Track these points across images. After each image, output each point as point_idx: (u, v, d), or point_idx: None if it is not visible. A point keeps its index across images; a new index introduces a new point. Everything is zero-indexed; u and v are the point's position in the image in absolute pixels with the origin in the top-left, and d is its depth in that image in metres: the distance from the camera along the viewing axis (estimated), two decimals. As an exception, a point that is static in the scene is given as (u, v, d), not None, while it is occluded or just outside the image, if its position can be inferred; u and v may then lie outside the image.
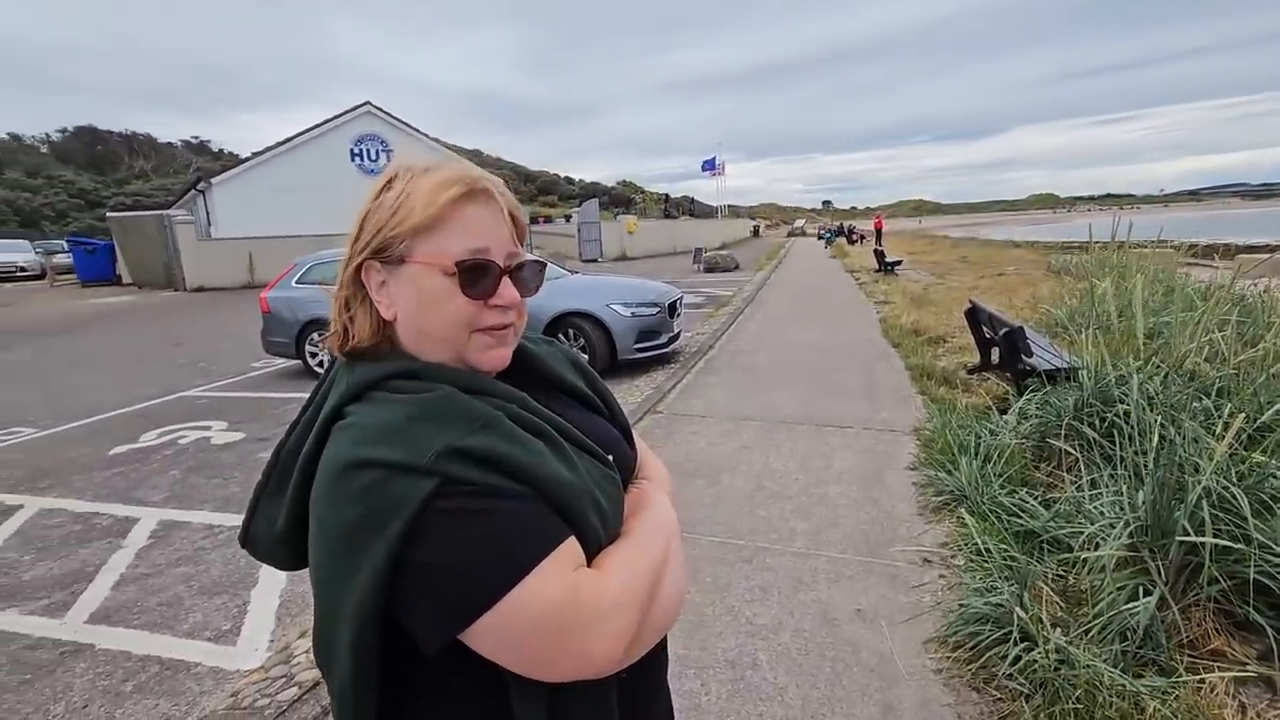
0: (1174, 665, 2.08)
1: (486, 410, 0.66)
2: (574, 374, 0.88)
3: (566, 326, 6.59)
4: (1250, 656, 2.14)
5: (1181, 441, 2.53)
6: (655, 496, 0.82)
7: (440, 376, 0.68)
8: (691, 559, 3.03)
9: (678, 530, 0.80)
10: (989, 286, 11.73)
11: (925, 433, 4.30)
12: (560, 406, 0.80)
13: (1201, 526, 2.21)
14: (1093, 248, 8.56)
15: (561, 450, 0.69)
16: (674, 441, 4.62)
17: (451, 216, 0.69)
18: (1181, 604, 2.24)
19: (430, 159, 0.75)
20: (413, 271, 0.69)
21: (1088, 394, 3.48)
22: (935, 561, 2.89)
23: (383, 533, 0.58)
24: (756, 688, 2.20)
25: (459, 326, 0.70)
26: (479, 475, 0.61)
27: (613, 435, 0.85)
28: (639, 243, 29.56)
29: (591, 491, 0.69)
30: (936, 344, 7.27)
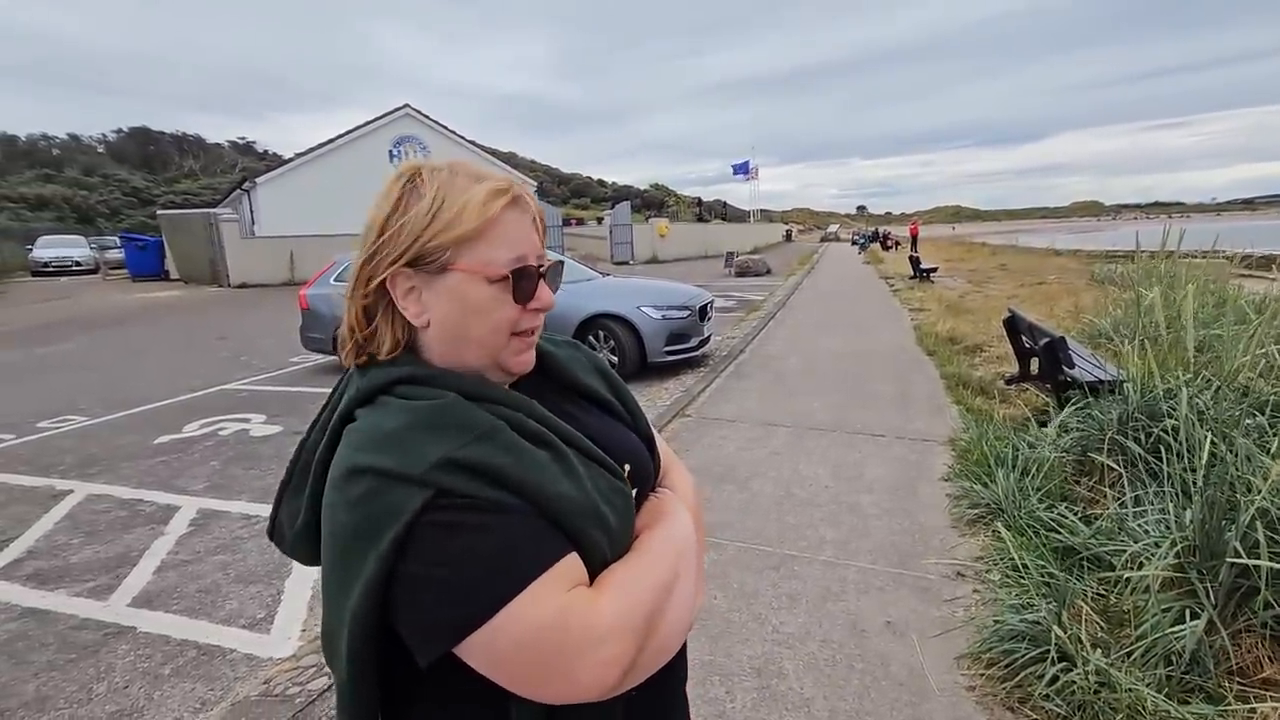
0: (1222, 693, 1.99)
1: (487, 419, 0.64)
2: (595, 378, 0.86)
3: (597, 328, 6.61)
4: (1306, 687, 2.04)
5: (1233, 459, 2.42)
6: (673, 508, 0.79)
7: (446, 383, 0.67)
8: (719, 564, 3.01)
9: (693, 546, 0.76)
10: (1029, 295, 11.43)
11: (960, 443, 4.20)
12: (578, 411, 0.79)
13: (1255, 548, 2.11)
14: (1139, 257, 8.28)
15: (566, 461, 0.67)
16: (703, 445, 4.60)
17: (498, 224, 0.68)
18: (1231, 629, 2.15)
19: (451, 160, 0.74)
20: (456, 280, 0.68)
21: (1133, 407, 3.35)
22: (969, 575, 2.82)
23: (376, 543, 0.58)
24: (783, 697, 2.17)
25: (502, 332, 0.70)
26: (474, 488, 0.60)
27: (632, 443, 0.82)
28: (670, 246, 29.55)
29: (595, 506, 0.67)
30: (973, 353, 7.11)
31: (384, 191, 0.70)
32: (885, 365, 6.91)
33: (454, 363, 0.71)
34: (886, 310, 11.47)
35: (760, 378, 6.58)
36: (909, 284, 15.68)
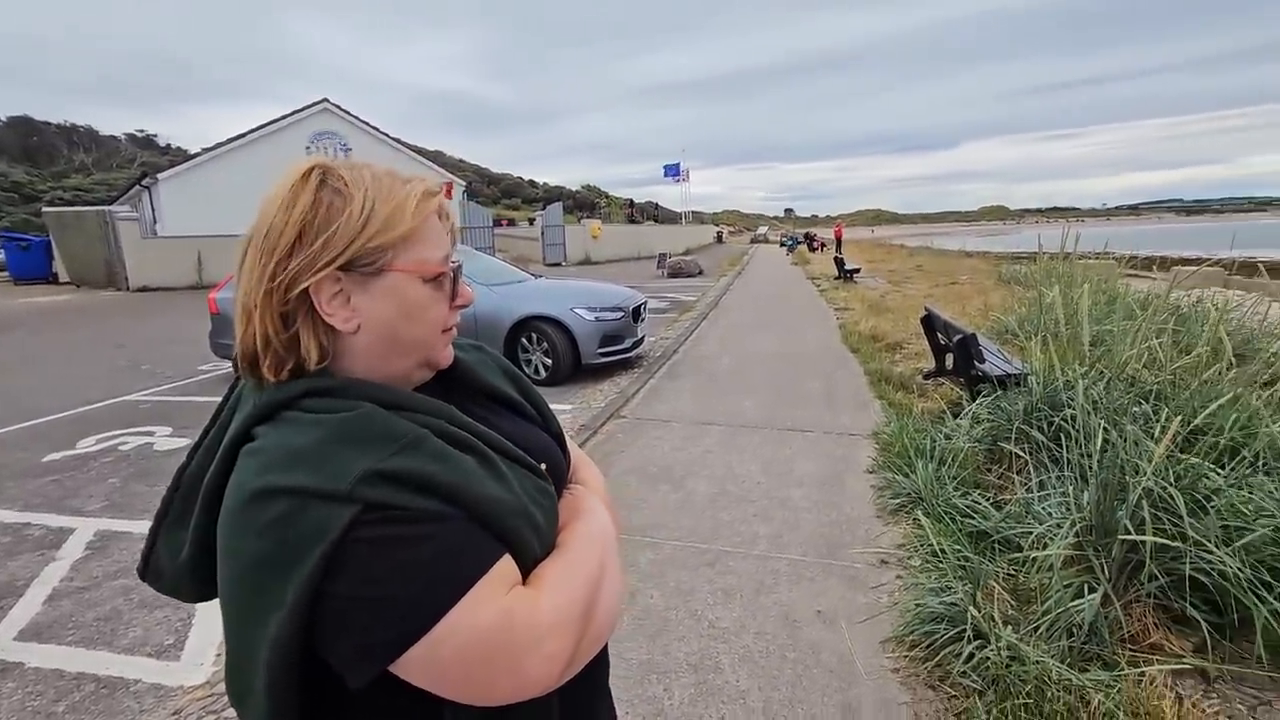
0: (1116, 659, 2.16)
1: (410, 428, 0.63)
2: (503, 380, 0.86)
3: (530, 330, 6.53)
4: (1186, 650, 2.24)
5: (1123, 444, 2.64)
6: (589, 503, 0.81)
7: (359, 393, 0.65)
8: (656, 563, 3.03)
9: (613, 538, 0.79)
10: (943, 294, 12.08)
11: (883, 437, 4.40)
12: (491, 415, 0.79)
13: (1142, 526, 2.31)
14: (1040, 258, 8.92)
15: (493, 465, 0.67)
16: (638, 446, 4.62)
17: (429, 224, 0.69)
18: (1123, 600, 2.34)
19: (352, 160, 0.70)
20: (395, 281, 0.67)
21: (1036, 399, 3.60)
22: (892, 562, 2.95)
23: (299, 567, 0.55)
24: (720, 691, 2.21)
25: (436, 331, 0.71)
26: (404, 499, 0.58)
27: (545, 442, 0.84)
28: (603, 247, 29.55)
29: (525, 507, 0.67)
30: (894, 350, 7.44)
31: (287, 191, 0.65)
32: (813, 363, 7.14)
33: (377, 369, 0.69)
34: (813, 310, 11.86)
35: (693, 378, 6.67)
36: (834, 284, 16.28)
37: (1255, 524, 2.28)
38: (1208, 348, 3.32)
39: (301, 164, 0.68)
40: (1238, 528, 2.32)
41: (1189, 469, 2.54)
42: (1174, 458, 2.58)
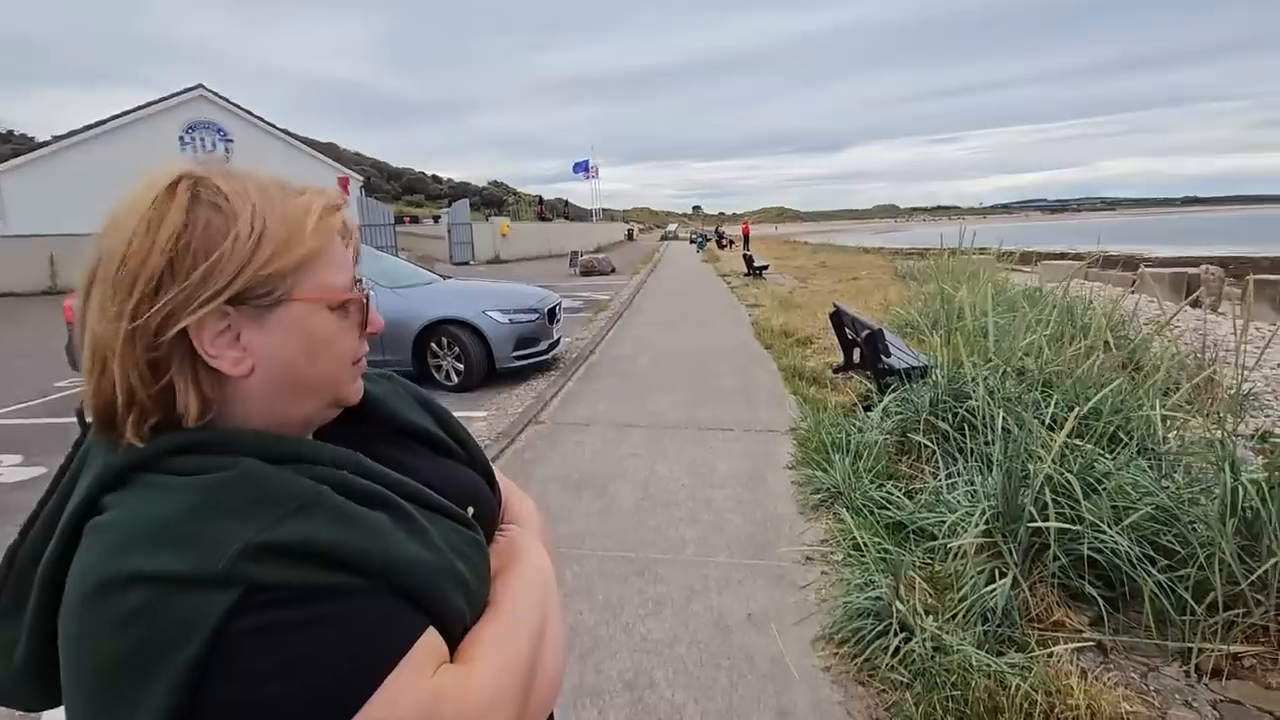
0: (1026, 639, 2.28)
1: (303, 486, 0.52)
2: (419, 412, 0.75)
3: (440, 335, 6.23)
4: (1084, 624, 2.40)
5: (1022, 433, 2.80)
6: (525, 545, 0.72)
7: (238, 445, 0.53)
8: (583, 576, 2.93)
9: (554, 582, 0.71)
10: (847, 290, 12.65)
11: (800, 432, 4.50)
12: (406, 455, 0.68)
13: (1044, 510, 2.46)
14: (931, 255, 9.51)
15: (409, 519, 0.57)
16: (559, 452, 4.49)
17: (331, 243, 0.59)
18: (1029, 582, 2.48)
19: (225, 167, 0.57)
20: (295, 312, 0.56)
21: (940, 391, 3.78)
22: (817, 559, 2.99)
23: (163, 673, 0.44)
24: (655, 709, 2.14)
25: (345, 365, 0.62)
26: (298, 575, 0.48)
27: (471, 481, 0.73)
28: (513, 245, 28.95)
29: (451, 565, 0.57)
30: (805, 345, 7.68)
31: (148, 208, 0.52)
32: (729, 360, 7.25)
33: (277, 415, 0.58)
34: (726, 307, 12.09)
35: (612, 379, 6.60)
36: (744, 281, 16.70)
37: (1139, 503, 2.47)
38: (1089, 340, 3.60)
39: (162, 173, 0.54)
40: (1125, 507, 2.50)
41: (1083, 455, 2.72)
42: (1068, 444, 2.77)
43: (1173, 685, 2.13)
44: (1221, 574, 2.19)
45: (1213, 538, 2.26)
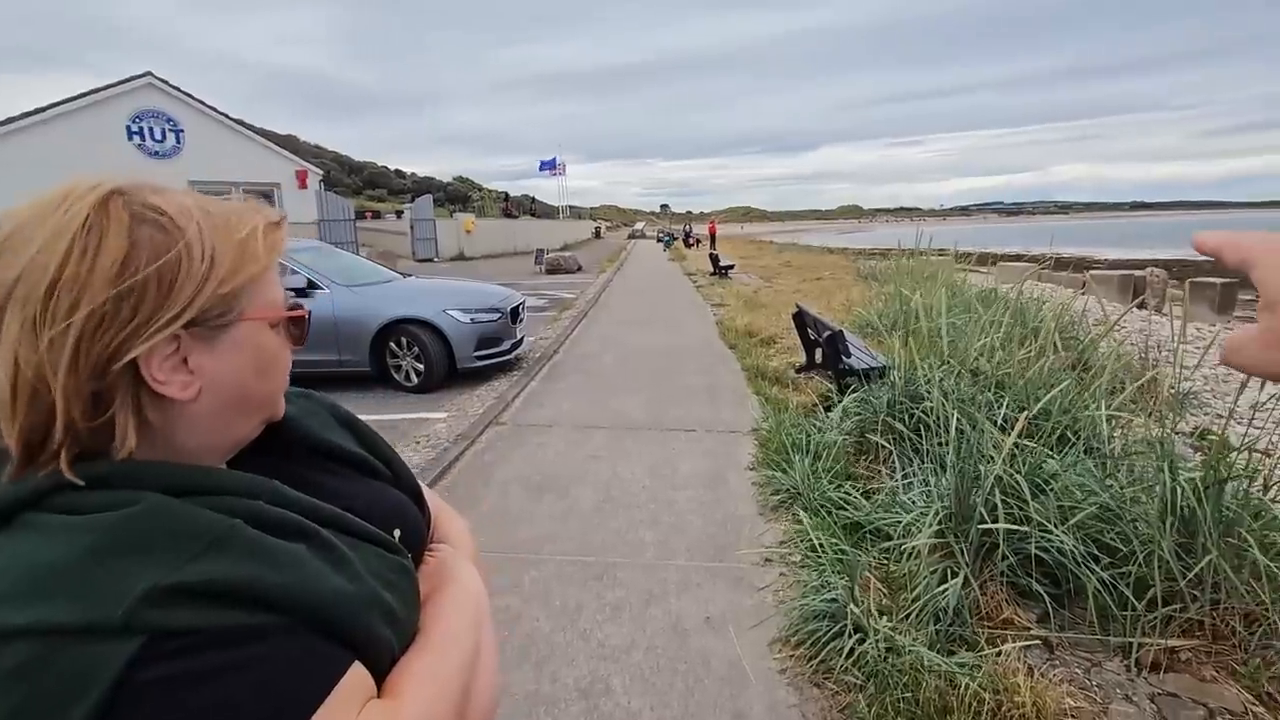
0: (976, 638, 2.32)
1: (213, 520, 0.48)
2: (338, 432, 0.72)
3: (399, 334, 6.09)
4: (1031, 621, 2.45)
5: (975, 434, 2.85)
6: (456, 567, 0.70)
7: (141, 479, 0.49)
8: (540, 581, 2.89)
9: (486, 605, 0.69)
10: (810, 290, 12.80)
11: (762, 433, 4.52)
12: (327, 478, 0.65)
13: (995, 511, 2.50)
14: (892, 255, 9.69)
15: (330, 550, 0.54)
16: (520, 454, 4.43)
17: (276, 259, 0.60)
18: (980, 580, 2.52)
19: (147, 182, 0.54)
20: (246, 332, 0.55)
21: (898, 392, 3.84)
22: (775, 560, 3.00)
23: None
24: (610, 716, 2.12)
25: (284, 383, 0.62)
26: (210, 618, 0.45)
27: (397, 502, 0.71)
28: (478, 242, 28.58)
29: (376, 595, 0.55)
30: (768, 345, 7.74)
31: (74, 227, 0.47)
32: (694, 360, 7.26)
33: (216, 439, 0.56)
34: (692, 306, 12.13)
35: (576, 379, 6.55)
36: (710, 280, 16.78)
37: (1085, 503, 2.54)
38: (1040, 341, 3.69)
39: (83, 187, 0.50)
40: (1070, 507, 2.57)
41: (1031, 455, 2.78)
42: (1019, 445, 2.83)
43: (1114, 680, 2.19)
44: (1160, 571, 2.26)
45: (1153, 536, 2.33)
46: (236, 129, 21.79)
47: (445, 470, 4.11)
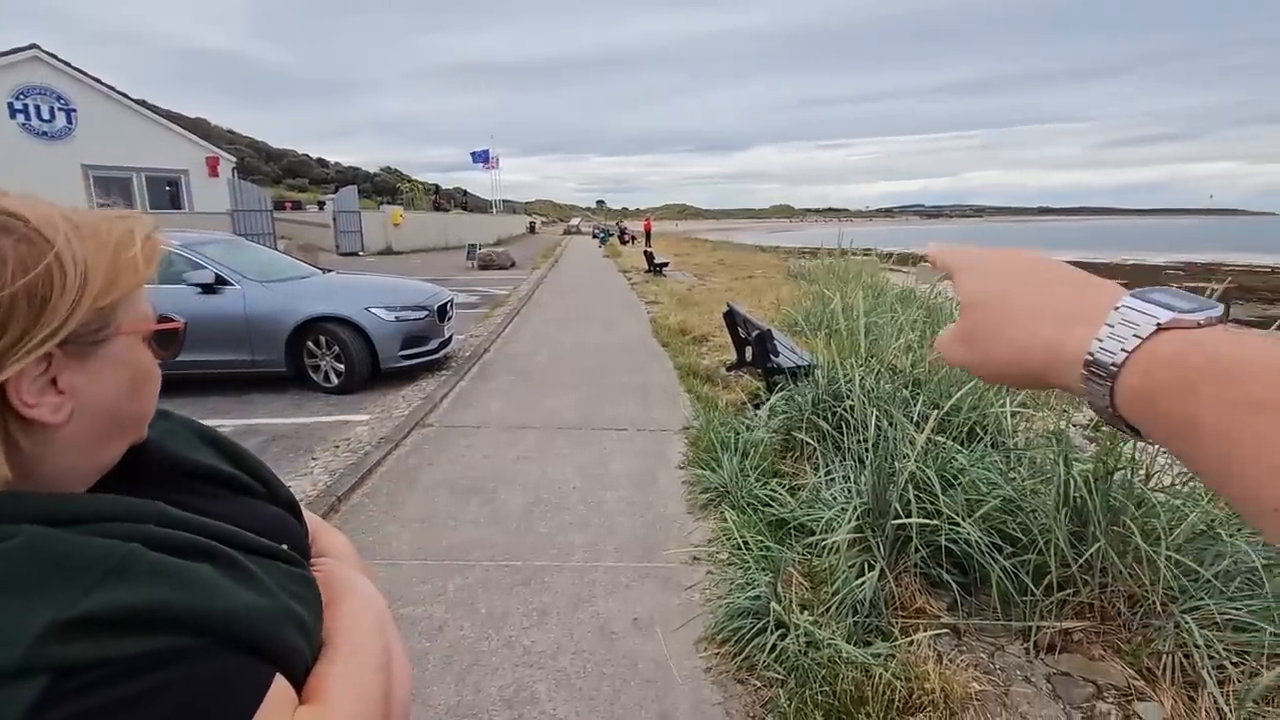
0: (891, 629, 2.42)
1: (109, 547, 0.45)
2: (205, 451, 0.68)
3: (318, 333, 5.81)
4: (941, 610, 2.58)
5: (892, 431, 2.97)
6: (347, 578, 0.69)
7: (18, 511, 0.45)
8: (466, 589, 2.82)
9: (386, 610, 0.69)
10: (742, 288, 13.04)
11: (693, 431, 4.57)
12: (201, 500, 0.61)
13: (908, 506, 2.61)
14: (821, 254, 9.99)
15: (236, 567, 0.52)
16: (446, 457, 4.31)
17: (152, 271, 0.57)
18: (895, 573, 2.63)
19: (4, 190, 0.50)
20: (121, 348, 0.53)
21: (821, 390, 3.96)
22: (703, 559, 3.04)
23: None
24: (535, 725, 2.09)
25: (155, 400, 0.59)
26: (122, 646, 0.42)
27: (277, 518, 0.68)
28: (406, 236, 27.65)
29: (288, 607, 0.54)
30: (700, 343, 7.84)
31: None
32: (627, 358, 7.26)
33: (85, 463, 0.52)
34: (626, 303, 12.14)
35: (506, 378, 6.43)
36: (645, 277, 16.85)
37: (989, 496, 2.68)
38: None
39: None
40: (977, 500, 2.71)
41: (943, 451, 2.92)
42: (931, 441, 2.96)
43: (1015, 663, 2.33)
44: (1056, 558, 2.41)
45: (1050, 525, 2.49)
46: (137, 110, 20.28)
47: (366, 475, 3.95)
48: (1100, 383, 0.35)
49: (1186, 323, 0.33)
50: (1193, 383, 0.31)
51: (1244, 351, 0.30)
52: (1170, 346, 0.33)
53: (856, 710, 2.02)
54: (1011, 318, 0.41)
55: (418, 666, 2.34)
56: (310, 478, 4.01)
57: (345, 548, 0.78)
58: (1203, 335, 0.32)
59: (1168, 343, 0.33)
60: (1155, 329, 0.33)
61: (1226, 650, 2.09)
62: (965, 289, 0.44)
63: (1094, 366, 0.35)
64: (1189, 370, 0.31)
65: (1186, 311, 0.33)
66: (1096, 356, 0.35)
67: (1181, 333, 0.33)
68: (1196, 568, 2.25)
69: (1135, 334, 0.34)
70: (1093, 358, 0.35)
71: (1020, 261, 0.44)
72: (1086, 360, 0.35)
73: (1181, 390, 0.31)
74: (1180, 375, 0.32)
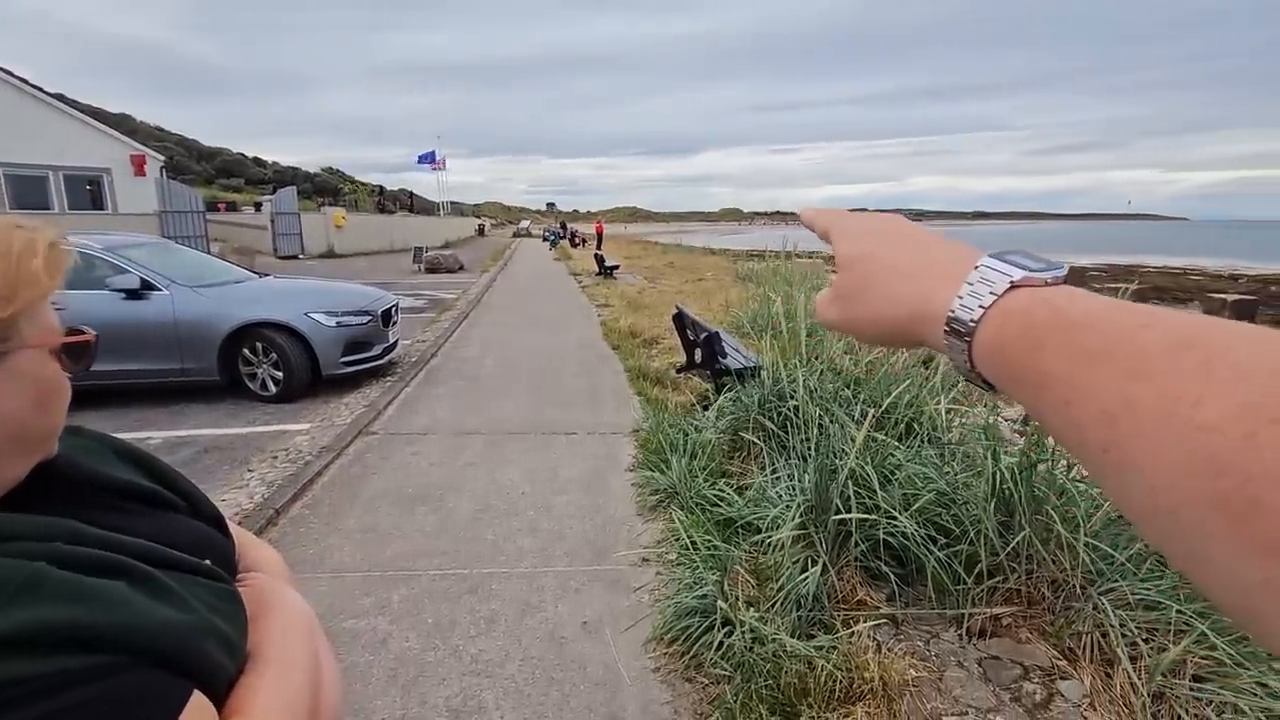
0: (833, 621, 2.49)
1: (14, 566, 0.44)
2: (123, 466, 0.66)
3: (253, 340, 5.59)
4: (881, 601, 2.67)
5: (834, 429, 3.06)
6: (275, 591, 0.69)
7: None
8: (411, 599, 2.76)
9: (316, 622, 0.69)
10: (692, 291, 13.17)
11: (642, 433, 4.59)
12: (118, 517, 0.60)
13: (849, 501, 2.69)
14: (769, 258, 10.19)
15: (151, 582, 0.51)
16: (391, 465, 4.21)
17: (59, 281, 0.56)
18: (837, 567, 2.71)
19: None
20: (27, 360, 0.52)
21: (767, 391, 4.04)
22: (653, 560, 3.06)
23: None
24: (482, 735, 2.07)
25: (64, 415, 0.57)
26: (32, 667, 0.42)
27: (201, 533, 0.67)
28: (350, 238, 26.87)
29: (210, 622, 0.53)
30: (651, 345, 7.88)
31: None
32: (577, 362, 7.24)
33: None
34: (576, 306, 12.10)
35: (454, 383, 6.33)
36: (595, 280, 16.83)
37: (925, 489, 2.79)
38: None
39: None
40: (913, 494, 2.81)
41: (881, 448, 3.02)
42: (871, 438, 3.06)
43: (949, 649, 2.43)
44: (986, 548, 2.53)
45: (980, 516, 2.61)
46: (53, 104, 19.10)
47: (306, 486, 3.82)
48: (960, 339, 0.36)
49: (1036, 280, 0.34)
50: (1039, 335, 0.32)
51: (1085, 305, 0.32)
52: (1019, 303, 0.34)
53: (800, 702, 2.07)
54: (879, 277, 0.42)
55: (361, 680, 2.28)
56: (246, 490, 3.85)
57: (274, 561, 0.77)
58: (1050, 292, 0.34)
59: (1018, 299, 0.34)
60: (1009, 286, 0.35)
61: (1139, 628, 2.24)
62: (839, 250, 0.45)
63: (955, 323, 0.36)
64: (1036, 323, 0.33)
65: (1037, 271, 0.35)
66: (956, 313, 0.36)
67: (1031, 290, 0.34)
68: (1111, 552, 2.39)
69: (991, 291, 0.35)
70: (954, 314, 0.36)
71: (886, 223, 0.45)
72: (949, 317, 0.36)
73: (1029, 343, 0.33)
74: (1028, 327, 0.33)
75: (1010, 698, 2.20)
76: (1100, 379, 0.29)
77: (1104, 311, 0.31)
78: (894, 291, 0.41)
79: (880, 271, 0.42)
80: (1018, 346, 0.33)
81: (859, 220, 0.47)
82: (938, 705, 2.16)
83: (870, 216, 0.47)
